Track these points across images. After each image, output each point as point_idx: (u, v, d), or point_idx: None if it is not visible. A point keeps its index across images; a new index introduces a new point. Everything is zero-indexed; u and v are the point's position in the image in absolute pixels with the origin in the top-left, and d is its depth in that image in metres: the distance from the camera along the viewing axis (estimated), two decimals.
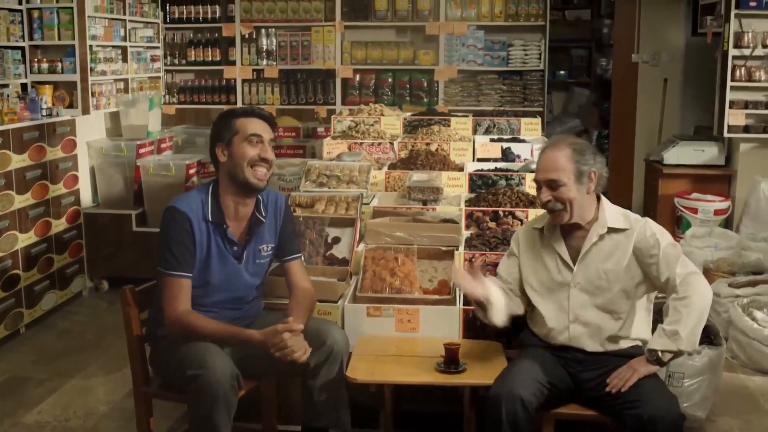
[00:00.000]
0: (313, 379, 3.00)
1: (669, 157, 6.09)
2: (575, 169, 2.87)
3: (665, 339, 2.75)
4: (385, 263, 3.54)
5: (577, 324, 2.92)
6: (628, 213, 3.00)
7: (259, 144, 3.00)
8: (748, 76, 5.67)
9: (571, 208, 2.89)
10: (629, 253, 2.89)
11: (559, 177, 2.87)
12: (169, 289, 2.93)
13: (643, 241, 2.88)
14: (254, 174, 2.99)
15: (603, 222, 2.92)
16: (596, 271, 2.91)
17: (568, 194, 2.87)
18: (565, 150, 2.90)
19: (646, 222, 2.94)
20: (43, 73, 5.63)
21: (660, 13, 7.36)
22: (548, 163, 2.91)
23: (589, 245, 2.92)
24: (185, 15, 7.33)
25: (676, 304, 2.77)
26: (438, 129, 5.27)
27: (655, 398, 2.65)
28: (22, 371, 4.38)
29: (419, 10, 7.06)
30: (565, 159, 2.88)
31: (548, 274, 3.00)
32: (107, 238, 5.67)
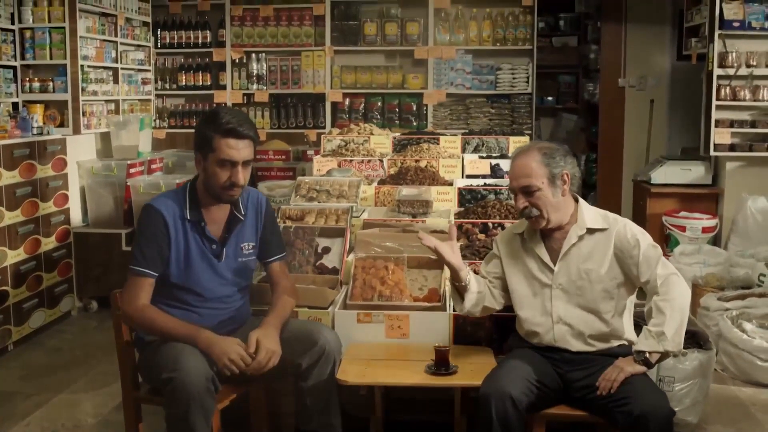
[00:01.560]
0: (305, 381, 3.00)
1: (657, 176, 6.14)
2: (547, 172, 2.89)
3: (652, 340, 2.76)
4: (375, 272, 3.54)
5: (561, 324, 2.94)
6: (607, 213, 3.01)
7: (231, 169, 2.92)
8: (733, 96, 5.74)
9: (548, 212, 2.91)
10: (610, 253, 2.90)
11: (533, 182, 2.88)
12: (132, 284, 2.95)
13: (624, 242, 2.89)
14: (225, 194, 2.98)
15: (582, 223, 2.94)
16: (577, 271, 2.92)
17: (543, 198, 2.89)
18: (535, 155, 2.92)
19: (626, 223, 2.95)
20: (35, 92, 5.66)
21: (645, 38, 7.49)
22: (520, 169, 2.93)
23: (569, 246, 2.94)
24: (176, 40, 7.38)
25: (660, 304, 2.78)
26: (427, 147, 5.31)
27: (645, 395, 2.65)
28: (9, 386, 4.33)
29: (408, 34, 7.14)
30: (536, 164, 2.90)
31: (530, 277, 3.01)
32: (97, 258, 5.65)
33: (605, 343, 2.92)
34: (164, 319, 2.91)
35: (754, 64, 5.70)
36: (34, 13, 5.65)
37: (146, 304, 2.93)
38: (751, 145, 5.77)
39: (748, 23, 5.67)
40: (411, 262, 3.62)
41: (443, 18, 7.12)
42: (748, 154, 5.79)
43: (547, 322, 2.96)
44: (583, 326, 2.92)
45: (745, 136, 5.82)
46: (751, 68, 5.71)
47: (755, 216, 5.55)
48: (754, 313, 4.47)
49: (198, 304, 3.05)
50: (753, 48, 5.73)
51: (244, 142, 2.93)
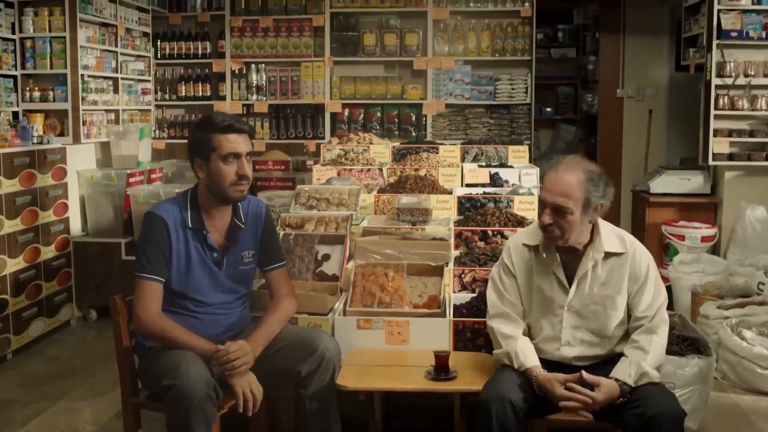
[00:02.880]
0: (305, 388, 2.99)
1: (655, 186, 6.15)
2: (585, 198, 2.74)
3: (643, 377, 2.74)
4: (375, 279, 3.55)
5: (568, 347, 2.90)
6: (623, 234, 2.93)
7: (237, 161, 2.97)
8: (731, 105, 5.76)
9: (570, 235, 2.80)
10: (626, 278, 2.85)
11: (568, 204, 2.74)
12: (140, 291, 2.93)
13: (635, 269, 2.86)
14: (235, 190, 3.00)
15: (599, 246, 2.84)
16: (591, 296, 2.86)
17: (571, 222, 2.76)
18: (579, 176, 2.76)
19: (640, 249, 2.90)
20: (35, 101, 5.68)
21: (644, 48, 7.54)
22: (559, 185, 2.76)
23: (585, 270, 2.86)
24: (176, 51, 7.40)
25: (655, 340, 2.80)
26: (427, 156, 5.31)
27: (655, 396, 2.65)
28: (8, 394, 4.33)
29: (407, 45, 7.16)
30: (577, 186, 2.74)
31: (542, 294, 2.93)
32: (96, 267, 5.65)
33: (607, 357, 2.90)
34: (181, 333, 2.88)
35: (752, 74, 5.73)
36: (35, 23, 5.68)
37: (160, 314, 2.92)
38: (749, 154, 5.78)
39: (746, 33, 5.70)
40: (411, 269, 3.63)
41: (442, 29, 7.15)
42: (747, 164, 5.80)
43: (555, 341, 2.92)
44: (589, 349, 2.90)
45: (744, 146, 5.84)
46: (749, 78, 5.73)
47: (754, 225, 5.56)
48: (754, 320, 4.47)
49: (199, 310, 3.05)
50: (751, 58, 5.76)
51: (242, 135, 3.00)
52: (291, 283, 3.28)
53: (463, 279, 3.69)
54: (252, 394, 2.84)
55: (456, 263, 3.80)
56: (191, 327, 2.95)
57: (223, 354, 2.81)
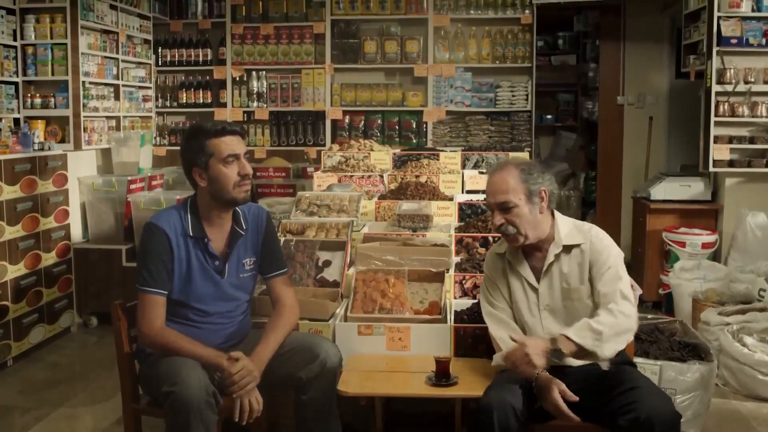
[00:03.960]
0: (305, 394, 2.99)
1: (656, 192, 6.14)
2: (525, 189, 2.87)
3: (589, 335, 2.73)
4: (375, 285, 3.55)
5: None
6: (581, 225, 2.99)
7: (236, 162, 2.99)
8: (732, 112, 5.76)
9: (525, 229, 2.88)
10: (587, 267, 2.90)
11: (510, 198, 2.86)
12: (143, 305, 2.93)
13: (595, 253, 2.89)
14: (239, 191, 3.00)
15: (558, 240, 2.92)
16: (560, 291, 2.91)
17: (521, 215, 2.86)
18: (512, 171, 2.89)
19: (599, 235, 2.94)
20: (36, 108, 5.70)
21: (644, 56, 7.54)
22: (497, 185, 2.91)
23: (547, 265, 2.92)
24: (177, 58, 7.42)
25: (612, 309, 2.79)
26: (427, 162, 5.32)
27: (650, 399, 2.64)
28: (8, 401, 4.33)
29: (408, 52, 7.18)
30: (513, 180, 2.87)
31: (517, 297, 2.99)
32: (97, 274, 5.66)
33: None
34: (186, 344, 2.88)
35: (752, 81, 5.73)
36: (36, 30, 5.70)
37: (165, 326, 2.93)
38: (750, 160, 5.78)
39: (746, 40, 5.70)
40: (411, 275, 3.62)
41: (443, 36, 7.16)
42: (747, 170, 5.80)
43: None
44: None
45: (744, 152, 5.84)
46: (749, 84, 5.73)
47: (755, 231, 5.55)
48: (755, 327, 4.47)
49: (200, 319, 3.04)
50: (751, 64, 5.76)
51: (237, 137, 3.02)
52: (293, 290, 3.27)
53: (464, 285, 3.69)
54: (251, 406, 2.83)
55: (457, 269, 3.80)
56: (193, 336, 2.94)
57: (228, 375, 2.81)
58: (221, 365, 2.83)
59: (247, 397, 2.83)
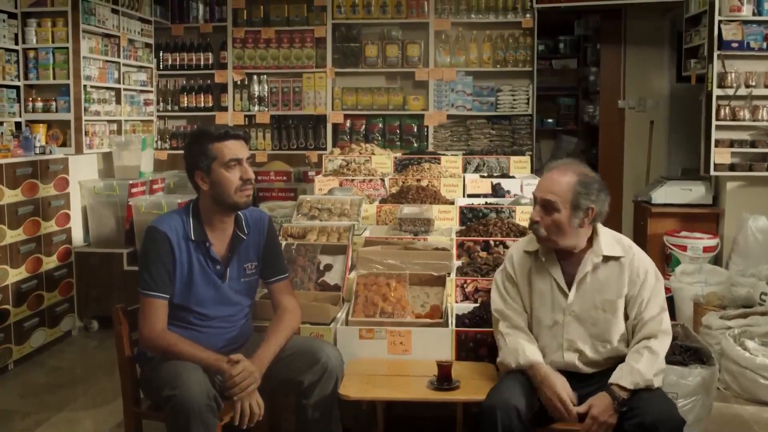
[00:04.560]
0: (307, 398, 2.98)
1: (657, 196, 6.14)
2: (574, 199, 2.78)
3: (638, 378, 2.72)
4: (377, 289, 3.55)
5: (570, 351, 2.89)
6: (622, 239, 2.94)
7: (239, 167, 2.99)
8: (733, 116, 5.76)
9: (556, 237, 2.83)
10: (626, 282, 2.84)
11: (556, 201, 2.79)
12: (145, 309, 2.93)
13: (635, 274, 2.85)
14: (241, 196, 3.00)
15: (598, 250, 2.85)
16: (592, 301, 2.86)
17: (558, 221, 2.79)
18: (570, 176, 2.81)
19: (640, 254, 2.89)
20: (38, 111, 5.71)
21: (645, 59, 7.54)
22: (549, 183, 2.84)
23: (584, 273, 2.86)
24: (178, 62, 7.42)
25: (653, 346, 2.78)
26: (428, 166, 5.33)
27: (654, 404, 2.64)
28: (9, 405, 4.32)
29: (409, 56, 7.18)
30: (567, 185, 2.79)
31: (542, 298, 2.94)
32: (98, 278, 5.65)
33: (610, 362, 2.88)
34: (187, 347, 2.88)
35: (753, 84, 5.73)
36: (38, 34, 5.71)
37: (166, 330, 2.92)
38: (751, 164, 5.78)
39: (747, 44, 5.71)
40: (413, 279, 3.62)
41: (444, 40, 7.17)
42: (749, 174, 5.80)
43: (557, 347, 2.91)
44: (592, 353, 2.88)
45: (745, 156, 5.84)
46: (750, 88, 5.74)
47: (756, 235, 5.55)
48: (757, 331, 4.46)
49: (201, 324, 3.04)
50: (752, 68, 5.76)
51: (240, 141, 3.02)
52: (294, 294, 3.27)
53: (465, 289, 3.69)
54: (251, 409, 2.83)
55: (458, 273, 3.79)
56: (194, 340, 2.94)
57: (228, 377, 2.80)
58: (222, 368, 2.82)
59: (248, 400, 2.82)
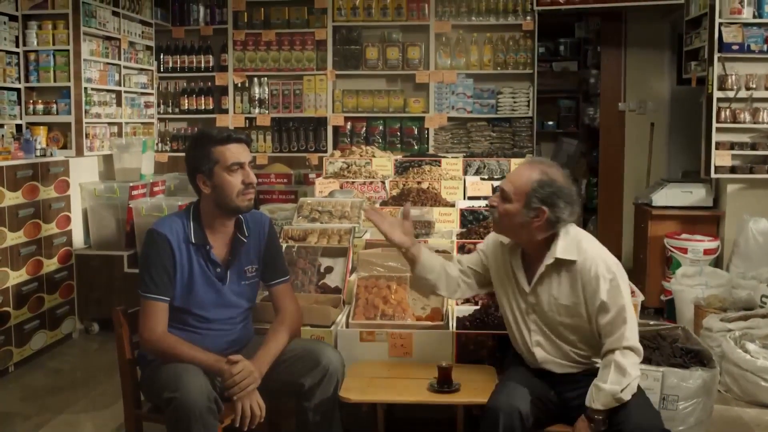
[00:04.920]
0: (308, 401, 2.98)
1: (658, 199, 6.14)
2: (528, 195, 2.75)
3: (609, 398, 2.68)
4: (377, 291, 3.55)
5: (539, 348, 2.89)
6: (582, 241, 2.82)
7: (241, 170, 2.99)
8: (733, 118, 5.77)
9: (503, 225, 2.84)
10: (580, 287, 2.78)
11: (510, 191, 2.79)
12: (145, 311, 2.93)
13: (587, 281, 2.77)
14: (243, 199, 3.00)
15: (552, 252, 2.81)
16: (548, 302, 2.84)
17: (508, 212, 2.78)
18: (533, 174, 2.78)
19: (594, 259, 2.77)
20: (38, 114, 5.71)
21: (645, 62, 7.54)
22: (514, 173, 2.86)
23: (538, 275, 2.84)
24: (178, 64, 7.42)
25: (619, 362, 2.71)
26: (429, 169, 5.33)
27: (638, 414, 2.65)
28: (10, 407, 4.32)
29: (409, 59, 7.19)
30: (525, 181, 2.76)
31: (509, 295, 2.96)
32: (98, 280, 5.65)
33: (589, 361, 2.87)
34: (187, 349, 2.88)
35: (753, 87, 5.73)
36: (39, 36, 5.71)
37: (166, 332, 2.92)
38: (751, 167, 5.78)
39: (747, 46, 5.71)
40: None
41: (444, 42, 7.17)
42: (749, 176, 5.80)
43: (527, 344, 2.92)
44: (560, 354, 2.88)
45: (746, 159, 5.84)
46: (751, 91, 5.74)
47: (756, 238, 5.55)
48: (757, 333, 4.46)
49: (202, 326, 3.04)
50: (752, 71, 5.76)
51: (242, 145, 3.02)
52: (295, 297, 3.27)
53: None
54: (252, 411, 2.83)
55: None
56: (194, 343, 2.94)
57: (228, 377, 2.80)
58: (221, 369, 2.83)
59: (249, 401, 2.82)
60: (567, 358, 2.87)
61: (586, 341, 2.84)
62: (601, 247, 2.86)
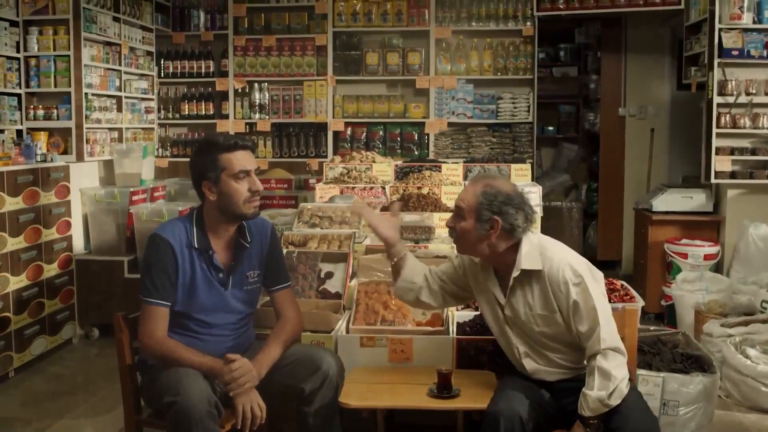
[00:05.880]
0: (308, 406, 2.98)
1: (658, 204, 6.15)
2: (477, 209, 2.80)
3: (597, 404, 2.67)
4: (378, 296, 3.55)
5: (529, 359, 2.90)
6: (547, 249, 2.84)
7: (248, 178, 2.99)
8: (733, 123, 5.77)
9: (463, 245, 2.88)
10: (550, 295, 2.79)
11: (462, 209, 2.84)
12: (146, 316, 2.93)
13: (554, 285, 2.78)
14: (249, 207, 3.01)
15: (518, 264, 2.83)
16: (525, 314, 2.85)
17: (464, 229, 2.83)
18: (477, 188, 2.84)
19: (560, 264, 2.78)
20: (39, 119, 5.72)
21: (645, 67, 7.56)
22: (463, 191, 2.92)
23: (509, 288, 2.86)
24: (179, 70, 7.43)
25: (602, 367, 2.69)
26: (429, 174, 5.33)
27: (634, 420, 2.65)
28: (10, 413, 4.32)
29: (409, 64, 7.19)
30: (472, 196, 2.83)
31: (489, 306, 2.98)
32: (99, 285, 5.65)
33: (580, 366, 2.86)
34: (186, 353, 2.88)
35: (753, 92, 5.74)
36: (39, 42, 5.72)
37: (165, 337, 2.92)
38: (751, 172, 5.79)
39: (747, 52, 5.72)
40: None
41: (444, 48, 7.18)
42: (749, 182, 5.81)
43: (515, 354, 2.93)
44: (548, 363, 2.88)
45: (746, 164, 5.85)
46: (751, 96, 5.75)
47: (757, 243, 5.55)
48: (758, 339, 4.46)
49: (203, 331, 3.04)
50: (752, 76, 5.78)
51: (248, 152, 3.03)
52: (297, 303, 3.27)
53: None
54: (253, 412, 2.83)
55: None
56: (195, 348, 2.93)
57: (226, 373, 2.80)
58: (221, 369, 2.83)
59: (249, 402, 2.82)
60: (556, 365, 2.88)
61: (571, 347, 2.85)
62: (567, 251, 2.88)
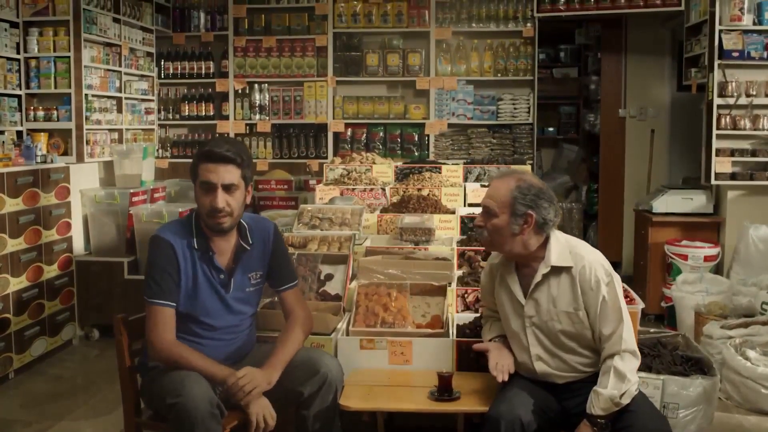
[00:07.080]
0: (307, 409, 2.98)
1: (658, 205, 6.15)
2: (512, 205, 2.80)
3: (609, 404, 2.69)
4: (378, 299, 3.54)
5: (540, 362, 2.90)
6: (576, 247, 2.87)
7: (211, 193, 2.92)
8: (733, 125, 5.77)
9: (495, 241, 2.87)
10: (579, 293, 2.80)
11: (493, 206, 2.83)
12: (152, 317, 2.92)
13: (585, 283, 2.80)
14: (211, 221, 2.96)
15: (547, 260, 2.84)
16: (547, 311, 2.85)
17: (496, 226, 2.82)
18: (510, 182, 2.83)
19: (591, 263, 2.81)
20: (39, 120, 5.72)
21: (645, 69, 7.55)
22: (491, 189, 2.90)
23: (534, 284, 2.86)
24: (179, 71, 7.43)
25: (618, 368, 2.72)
26: (429, 175, 5.33)
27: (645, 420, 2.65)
28: (10, 414, 4.32)
29: (410, 65, 7.19)
30: (505, 191, 2.82)
31: (505, 309, 2.98)
32: (99, 286, 5.65)
33: (590, 368, 2.87)
34: (196, 358, 2.87)
35: (753, 94, 5.74)
36: (40, 43, 5.72)
37: (176, 341, 2.92)
38: (751, 173, 5.79)
39: (748, 53, 5.72)
40: (413, 289, 3.62)
41: (444, 49, 7.18)
42: (749, 183, 5.81)
43: (527, 357, 2.92)
44: (560, 366, 2.89)
45: (746, 165, 5.85)
46: (751, 97, 5.75)
47: (757, 244, 5.55)
48: (758, 340, 4.46)
49: (205, 334, 3.03)
50: (752, 77, 5.78)
51: (222, 165, 2.92)
52: (305, 301, 3.27)
53: (466, 299, 3.69)
54: (265, 420, 2.83)
55: (459, 283, 3.80)
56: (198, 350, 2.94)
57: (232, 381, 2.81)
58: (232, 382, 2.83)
59: (261, 411, 2.83)
60: (568, 368, 2.88)
61: (587, 347, 2.85)
62: (597, 252, 2.90)
